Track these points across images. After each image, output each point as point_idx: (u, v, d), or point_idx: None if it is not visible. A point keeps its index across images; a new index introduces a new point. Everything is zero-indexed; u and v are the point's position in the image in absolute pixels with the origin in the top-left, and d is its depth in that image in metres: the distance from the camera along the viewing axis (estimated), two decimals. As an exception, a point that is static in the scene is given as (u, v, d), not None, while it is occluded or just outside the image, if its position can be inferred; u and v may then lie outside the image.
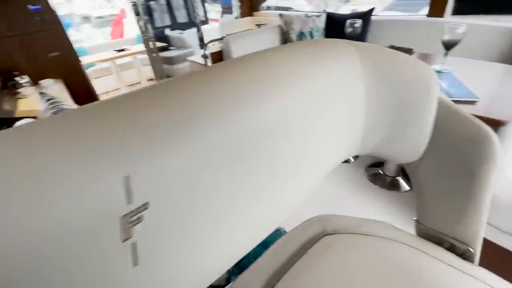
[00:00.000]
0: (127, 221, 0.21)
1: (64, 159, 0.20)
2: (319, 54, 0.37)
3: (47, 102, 1.06)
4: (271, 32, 2.08)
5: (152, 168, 0.22)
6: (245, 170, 0.30)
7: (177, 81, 0.30)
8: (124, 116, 0.24)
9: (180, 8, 5.39)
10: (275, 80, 0.32)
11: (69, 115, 0.23)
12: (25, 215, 0.18)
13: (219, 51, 1.94)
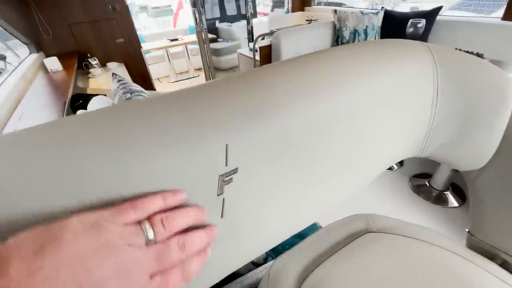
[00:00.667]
0: (223, 179, 0.27)
1: (182, 128, 0.25)
2: (392, 53, 0.37)
3: (118, 82, 1.20)
4: (322, 28, 2.04)
5: (242, 140, 0.27)
6: (306, 157, 0.33)
7: (262, 70, 0.34)
8: (223, 98, 0.28)
9: (230, 1, 5.52)
10: (348, 75, 0.35)
11: (180, 95, 0.29)
12: (153, 165, 0.23)
13: (268, 45, 1.97)
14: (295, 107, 0.30)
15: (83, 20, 2.13)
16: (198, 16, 2.76)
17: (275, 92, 0.30)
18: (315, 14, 2.89)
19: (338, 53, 0.39)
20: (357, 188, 0.42)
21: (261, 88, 0.31)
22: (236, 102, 0.28)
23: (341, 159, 0.36)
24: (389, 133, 0.40)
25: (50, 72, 1.73)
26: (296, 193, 0.34)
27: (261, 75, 0.33)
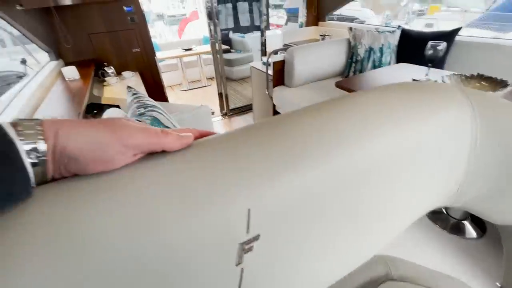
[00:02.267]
0: (243, 248, 0.24)
1: (204, 188, 0.23)
2: (428, 99, 0.35)
3: (133, 96, 1.21)
4: (337, 45, 2.03)
5: (266, 202, 0.24)
6: (335, 214, 0.30)
7: (284, 118, 0.32)
8: (244, 152, 0.26)
9: (244, 12, 5.62)
10: (379, 122, 0.32)
11: (198, 153, 0.27)
12: (169, 227, 0.21)
13: (282, 60, 1.97)
14: (323, 158, 0.28)
15: (102, 30, 2.19)
16: (213, 28, 2.80)
17: (300, 141, 0.28)
18: (329, 30, 2.89)
19: (368, 98, 0.36)
20: (385, 241, 0.39)
21: (285, 139, 0.29)
22: (259, 157, 0.26)
23: (371, 212, 0.34)
24: (421, 183, 0.37)
25: (68, 80, 1.77)
26: (322, 253, 0.31)
27: (283, 123, 0.31)
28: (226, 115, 3.34)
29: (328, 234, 0.30)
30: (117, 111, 1.22)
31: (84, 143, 0.22)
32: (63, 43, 2.09)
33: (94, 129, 0.23)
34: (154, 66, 2.56)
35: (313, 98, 1.76)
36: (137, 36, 2.35)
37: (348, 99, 0.36)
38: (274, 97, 2.05)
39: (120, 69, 2.32)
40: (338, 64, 2.07)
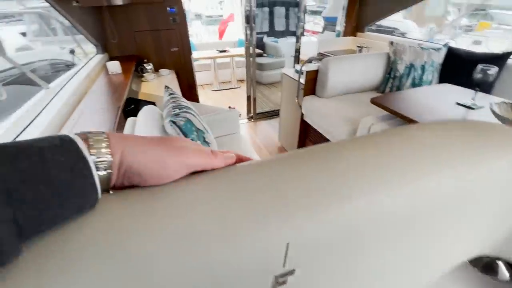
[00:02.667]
0: (277, 280, 0.24)
1: (245, 215, 0.23)
2: (479, 140, 0.32)
3: (169, 96, 1.26)
4: (375, 59, 1.96)
5: (304, 237, 0.24)
6: (372, 254, 0.29)
7: (326, 148, 0.31)
8: (287, 183, 0.26)
9: (280, 16, 5.63)
10: (428, 161, 0.30)
11: (245, 172, 0.27)
12: (208, 246, 0.21)
13: (315, 70, 1.94)
14: (367, 195, 0.27)
15: (146, 28, 2.31)
16: (250, 32, 2.84)
17: (343, 175, 0.27)
18: (367, 41, 2.81)
19: (416, 132, 0.34)
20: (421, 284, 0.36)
21: (328, 171, 0.28)
22: (301, 189, 0.26)
23: (409, 254, 0.32)
24: (465, 229, 0.34)
25: (111, 74, 1.89)
26: (367, 284, 0.30)
27: (326, 154, 0.30)
28: (252, 119, 3.37)
29: (364, 273, 0.29)
30: (153, 108, 1.28)
31: (148, 161, 0.25)
32: (110, 38, 2.24)
33: (158, 149, 0.25)
34: (190, 65, 2.66)
35: (344, 111, 1.71)
36: (177, 36, 2.45)
37: (399, 132, 0.34)
38: (303, 106, 2.03)
39: (158, 66, 2.43)
40: (374, 78, 2.00)
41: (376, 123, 1.38)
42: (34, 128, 1.08)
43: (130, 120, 1.25)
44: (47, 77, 2.69)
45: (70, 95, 1.42)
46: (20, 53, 3.12)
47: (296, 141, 2.26)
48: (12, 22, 4.78)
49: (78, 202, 0.20)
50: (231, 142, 1.61)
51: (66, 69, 3.12)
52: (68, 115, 1.29)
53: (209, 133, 1.25)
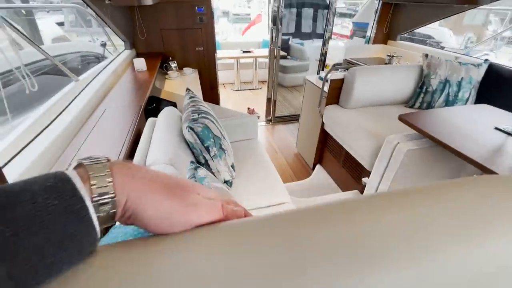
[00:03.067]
0: None
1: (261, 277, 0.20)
2: None
3: (190, 99, 1.26)
4: (406, 71, 1.85)
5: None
6: None
7: (359, 207, 0.27)
8: (313, 242, 0.23)
9: (308, 18, 5.51)
10: (487, 226, 0.26)
11: (267, 226, 0.24)
12: None
13: (341, 79, 1.87)
14: (407, 264, 0.23)
15: (173, 27, 2.34)
16: (276, 34, 2.80)
17: (383, 238, 0.24)
18: (399, 50, 2.67)
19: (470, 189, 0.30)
20: None
21: (364, 232, 0.24)
22: (331, 248, 0.23)
23: None
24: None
25: (136, 71, 1.93)
26: None
27: (360, 210, 0.27)
28: (270, 122, 3.33)
29: None
30: (173, 110, 1.28)
31: (158, 218, 0.23)
32: (138, 35, 2.29)
33: (169, 203, 0.23)
34: (213, 65, 2.66)
35: (368, 125, 1.63)
36: (203, 35, 2.46)
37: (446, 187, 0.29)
38: (325, 115, 1.96)
39: (182, 65, 2.46)
40: (404, 91, 1.88)
41: (403, 142, 1.30)
42: (62, 119, 1.12)
43: (150, 120, 1.26)
44: (79, 69, 2.81)
45: (97, 90, 1.46)
46: (56, 44, 3.29)
47: (314, 150, 2.20)
48: (52, 12, 5.06)
49: (76, 247, 0.19)
50: (247, 148, 1.59)
51: (96, 62, 3.25)
52: (94, 109, 1.32)
53: (226, 140, 1.23)
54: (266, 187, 1.25)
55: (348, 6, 10.78)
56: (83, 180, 0.20)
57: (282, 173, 2.24)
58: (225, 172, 1.17)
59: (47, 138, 0.95)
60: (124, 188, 0.22)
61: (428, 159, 1.35)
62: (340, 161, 1.88)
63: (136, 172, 0.23)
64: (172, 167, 0.90)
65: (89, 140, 1.02)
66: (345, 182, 1.87)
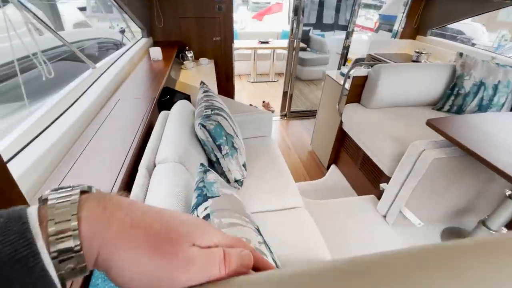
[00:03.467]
0: None
1: None
2: None
3: (204, 93, 1.21)
4: (436, 70, 1.71)
5: None
6: None
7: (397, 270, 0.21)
8: None
9: (330, 8, 5.27)
10: None
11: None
12: None
13: (364, 76, 1.75)
14: None
15: (191, 15, 2.28)
16: (296, 25, 2.68)
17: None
18: (428, 47, 2.48)
19: None
20: None
21: None
22: None
23: None
24: None
25: (152, 60, 1.90)
26: None
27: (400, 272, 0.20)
28: (285, 116, 3.25)
29: None
30: (186, 104, 1.24)
31: (133, 274, 0.17)
32: (156, 23, 2.25)
33: (155, 260, 0.18)
34: (230, 55, 2.60)
35: (391, 127, 1.53)
36: (221, 25, 2.39)
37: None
38: (344, 114, 1.86)
39: (198, 55, 2.41)
40: (433, 92, 1.75)
41: (429, 150, 1.20)
42: (75, 109, 1.11)
43: (163, 113, 1.23)
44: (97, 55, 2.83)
45: (112, 79, 1.45)
46: (76, 30, 3.32)
47: (329, 149, 2.12)
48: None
49: None
50: (260, 145, 1.54)
51: (114, 48, 3.26)
52: (108, 99, 1.31)
53: (239, 138, 1.18)
54: (278, 188, 1.20)
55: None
56: (41, 220, 0.16)
57: (294, 171, 2.18)
58: (236, 171, 1.13)
59: (58, 130, 0.94)
60: (94, 239, 0.17)
61: (455, 169, 1.25)
62: (357, 163, 1.80)
63: (114, 212, 0.18)
64: (181, 166, 0.86)
65: (100, 132, 1.00)
66: (361, 185, 1.78)
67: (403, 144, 1.38)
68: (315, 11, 5.17)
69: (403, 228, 1.44)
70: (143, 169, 0.84)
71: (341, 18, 5.08)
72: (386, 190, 1.44)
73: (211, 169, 0.71)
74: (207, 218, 0.56)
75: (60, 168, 0.82)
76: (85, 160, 0.85)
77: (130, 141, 0.93)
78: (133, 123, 1.07)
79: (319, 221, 1.16)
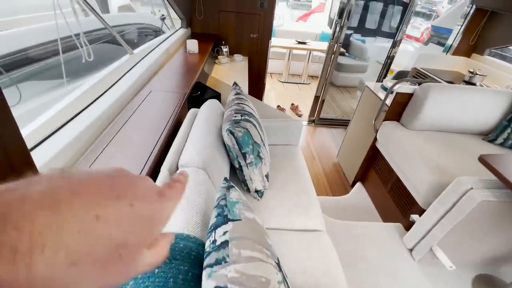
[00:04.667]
0: None
1: None
2: None
3: (235, 95, 1.16)
4: (493, 97, 1.51)
5: None
6: None
7: None
8: None
9: (375, 13, 4.97)
10: None
11: None
12: None
13: (408, 94, 1.60)
14: None
15: (232, 9, 2.24)
16: (339, 28, 2.54)
17: None
18: (484, 68, 2.23)
19: None
20: None
21: None
22: None
23: None
24: None
25: (188, 52, 1.89)
26: None
27: None
28: (313, 122, 3.12)
29: None
30: (216, 104, 1.20)
31: None
32: (196, 14, 2.24)
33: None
34: (265, 54, 2.53)
35: (434, 154, 1.38)
36: (260, 22, 2.32)
37: None
38: (380, 130, 1.73)
39: (234, 50, 2.37)
40: (486, 120, 1.56)
41: (478, 190, 1.05)
42: (112, 93, 1.12)
43: (192, 111, 1.20)
44: (136, 41, 2.90)
45: (147, 69, 1.44)
46: (119, 14, 3.42)
47: (357, 165, 1.99)
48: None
49: None
50: (286, 154, 1.46)
51: (153, 35, 3.32)
52: (140, 88, 1.31)
53: (265, 147, 1.12)
54: (300, 206, 1.13)
55: (423, 4, 9.57)
56: None
57: (316, 182, 2.08)
58: (258, 181, 1.07)
59: (90, 116, 0.94)
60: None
61: (504, 214, 1.09)
62: (387, 186, 1.66)
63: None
64: (204, 173, 0.82)
65: (129, 124, 0.99)
66: (388, 211, 1.65)
67: (445, 176, 1.24)
68: (358, 14, 4.91)
69: (431, 268, 1.31)
70: (165, 171, 0.81)
71: (385, 24, 4.78)
72: (418, 223, 1.31)
73: (234, 186, 0.65)
74: (226, 244, 0.51)
75: (86, 157, 0.82)
76: (111, 153, 0.83)
77: (156, 139, 0.91)
78: (162, 118, 1.04)
79: (339, 244, 1.07)
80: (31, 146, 0.75)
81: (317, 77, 3.83)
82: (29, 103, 1.70)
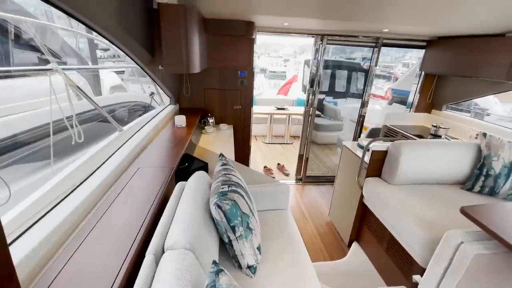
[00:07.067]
0: None
1: None
2: None
3: (222, 166, 1.21)
4: (460, 149, 1.65)
5: None
6: None
7: None
8: None
9: (342, 78, 5.65)
10: None
11: None
12: None
13: (383, 151, 1.73)
14: None
15: (216, 87, 2.50)
16: (312, 96, 2.84)
17: None
18: (445, 121, 2.50)
19: None
20: None
21: None
22: None
23: None
24: None
25: (176, 126, 2.00)
26: None
27: None
28: (301, 181, 3.17)
29: None
30: (203, 176, 1.23)
31: None
32: (183, 93, 2.46)
33: None
34: (248, 122, 2.72)
35: (420, 209, 1.41)
36: (242, 95, 2.58)
37: None
38: (365, 187, 1.78)
39: (219, 120, 2.55)
40: (459, 171, 1.66)
41: (468, 243, 1.06)
42: (99, 173, 1.12)
43: (179, 185, 1.21)
44: (127, 118, 3.06)
45: (137, 144, 1.50)
46: (111, 95, 3.69)
47: (350, 222, 1.96)
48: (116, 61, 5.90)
49: None
50: (276, 220, 1.44)
51: (142, 110, 3.54)
52: (128, 165, 1.33)
53: (255, 216, 1.12)
54: (295, 280, 1.06)
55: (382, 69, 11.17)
56: None
57: (311, 246, 1.99)
58: (249, 255, 1.03)
59: (75, 200, 0.92)
60: None
61: (502, 266, 1.08)
62: (383, 244, 1.62)
63: None
64: (191, 254, 0.79)
65: (115, 205, 0.98)
66: (389, 273, 1.57)
67: (435, 230, 1.25)
68: (327, 80, 5.58)
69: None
70: (151, 256, 0.77)
71: (353, 87, 5.40)
72: (421, 284, 1.24)
73: (224, 270, 0.63)
74: None
75: (66, 248, 0.78)
76: (95, 239, 0.80)
77: (142, 220, 0.89)
78: (149, 196, 1.04)
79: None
80: (9, 241, 0.71)
81: (298, 136, 4.06)
82: (12, 186, 1.65)
